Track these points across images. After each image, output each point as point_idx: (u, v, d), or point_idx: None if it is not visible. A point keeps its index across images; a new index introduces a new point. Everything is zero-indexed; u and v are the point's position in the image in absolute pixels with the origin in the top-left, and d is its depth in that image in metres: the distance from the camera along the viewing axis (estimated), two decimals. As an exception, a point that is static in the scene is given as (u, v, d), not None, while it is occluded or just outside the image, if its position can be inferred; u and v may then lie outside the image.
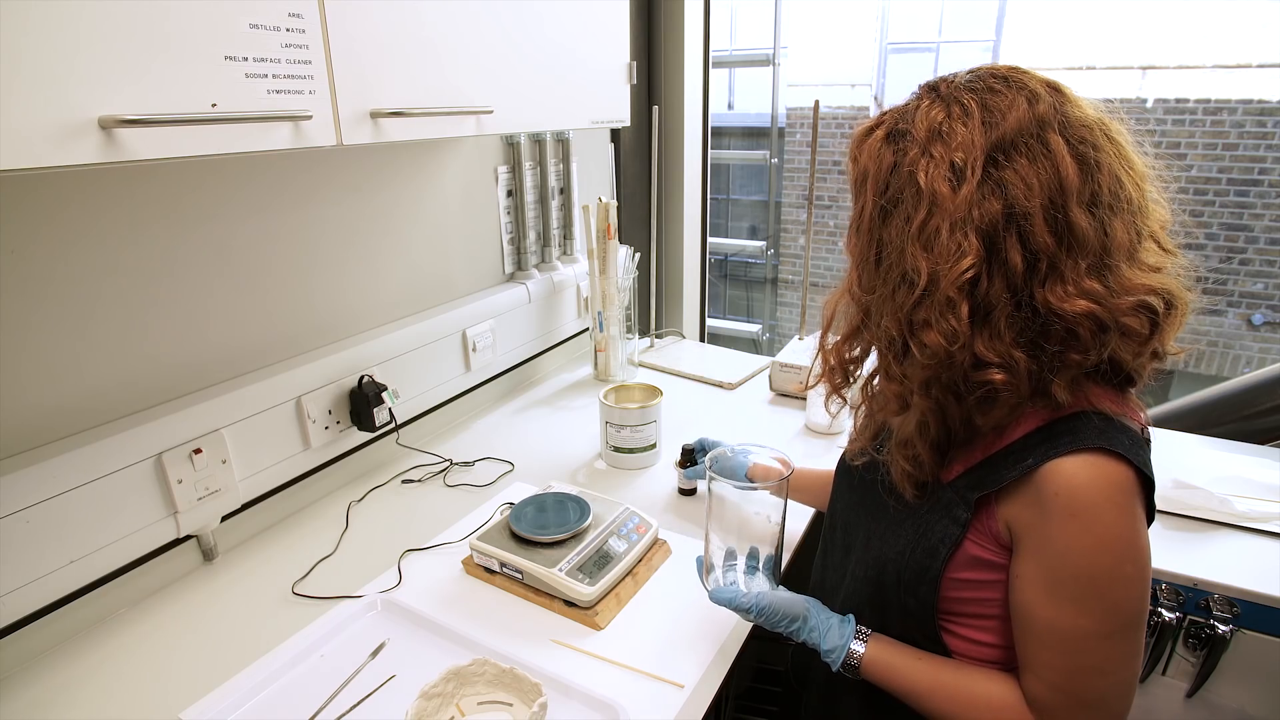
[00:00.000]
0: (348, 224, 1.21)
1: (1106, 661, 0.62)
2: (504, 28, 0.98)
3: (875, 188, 0.65)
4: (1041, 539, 0.62)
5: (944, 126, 0.61)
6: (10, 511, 0.81)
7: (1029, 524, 0.63)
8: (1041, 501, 0.61)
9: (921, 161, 0.61)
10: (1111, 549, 0.60)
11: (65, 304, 0.87)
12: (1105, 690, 0.63)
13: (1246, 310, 3.88)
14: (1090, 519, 0.60)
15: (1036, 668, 0.65)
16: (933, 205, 0.61)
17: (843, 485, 0.86)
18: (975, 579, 0.68)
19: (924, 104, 0.64)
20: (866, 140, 0.67)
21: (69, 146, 0.56)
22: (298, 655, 0.85)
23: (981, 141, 0.60)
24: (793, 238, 4.99)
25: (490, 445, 1.38)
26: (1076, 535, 0.60)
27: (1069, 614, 0.61)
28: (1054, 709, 0.64)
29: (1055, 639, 0.63)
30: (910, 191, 0.62)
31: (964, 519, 0.67)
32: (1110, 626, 0.61)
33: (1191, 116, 3.76)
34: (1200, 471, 1.17)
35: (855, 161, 0.68)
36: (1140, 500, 0.61)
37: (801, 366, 1.54)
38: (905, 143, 0.63)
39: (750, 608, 0.74)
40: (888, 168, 0.64)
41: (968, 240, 0.59)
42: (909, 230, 0.62)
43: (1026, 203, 0.58)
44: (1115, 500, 0.60)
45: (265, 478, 1.09)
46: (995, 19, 4.50)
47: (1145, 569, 0.62)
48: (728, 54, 4.19)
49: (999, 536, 0.66)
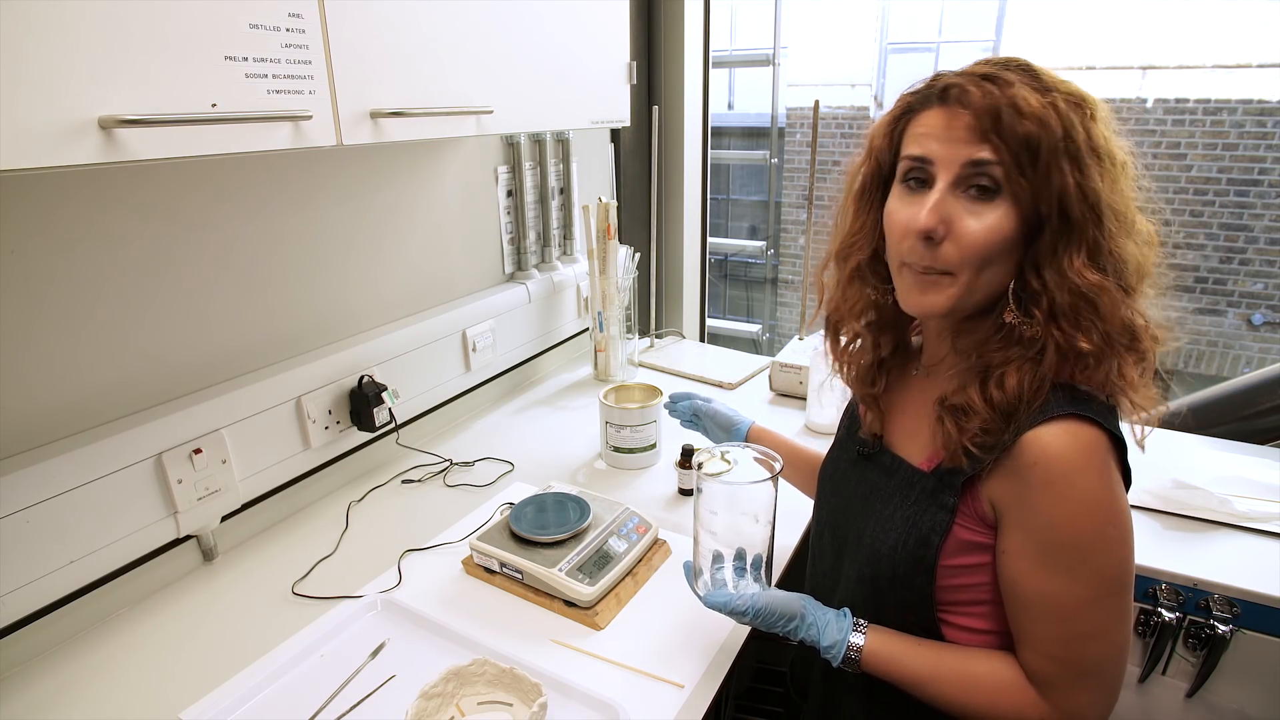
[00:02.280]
0: (348, 224, 1.21)
1: (1099, 627, 0.63)
2: (504, 28, 0.98)
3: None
4: (1024, 511, 0.63)
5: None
6: (10, 511, 0.81)
7: (1011, 498, 0.64)
8: (1021, 473, 0.62)
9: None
10: (1093, 513, 0.61)
11: (65, 304, 0.87)
12: (1100, 655, 0.64)
13: (1246, 310, 3.88)
14: (1069, 484, 0.61)
15: (1032, 641, 0.66)
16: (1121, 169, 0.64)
17: (828, 490, 0.86)
18: (967, 564, 0.68)
19: (1025, 89, 0.61)
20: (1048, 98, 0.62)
21: (69, 146, 0.56)
22: (298, 655, 0.85)
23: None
24: (793, 238, 4.99)
25: (490, 445, 1.38)
26: (1057, 502, 0.61)
27: (1058, 582, 0.63)
28: (1053, 679, 0.65)
29: (1047, 609, 0.64)
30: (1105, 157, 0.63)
31: (952, 504, 0.68)
32: (1099, 591, 0.62)
33: (1191, 116, 3.76)
34: (1200, 471, 1.17)
35: (1044, 125, 0.61)
36: (1115, 462, 0.63)
37: (801, 366, 1.54)
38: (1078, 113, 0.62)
39: (746, 610, 0.73)
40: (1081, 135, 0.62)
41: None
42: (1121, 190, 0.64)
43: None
44: (1092, 464, 0.61)
45: (265, 478, 1.09)
46: (995, 19, 4.50)
47: (1127, 530, 0.63)
48: (728, 54, 4.19)
49: (985, 517, 0.67)
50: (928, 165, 0.64)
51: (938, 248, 0.64)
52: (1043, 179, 0.60)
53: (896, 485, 0.74)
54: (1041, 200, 0.61)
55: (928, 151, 0.64)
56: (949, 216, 0.63)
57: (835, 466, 0.86)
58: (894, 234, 0.68)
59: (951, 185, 0.63)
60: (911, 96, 0.67)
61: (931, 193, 0.64)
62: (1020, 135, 0.59)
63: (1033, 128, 0.59)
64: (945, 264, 0.64)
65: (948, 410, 0.68)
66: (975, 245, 0.63)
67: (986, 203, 0.62)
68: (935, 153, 0.64)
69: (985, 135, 0.61)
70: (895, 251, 0.69)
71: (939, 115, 0.64)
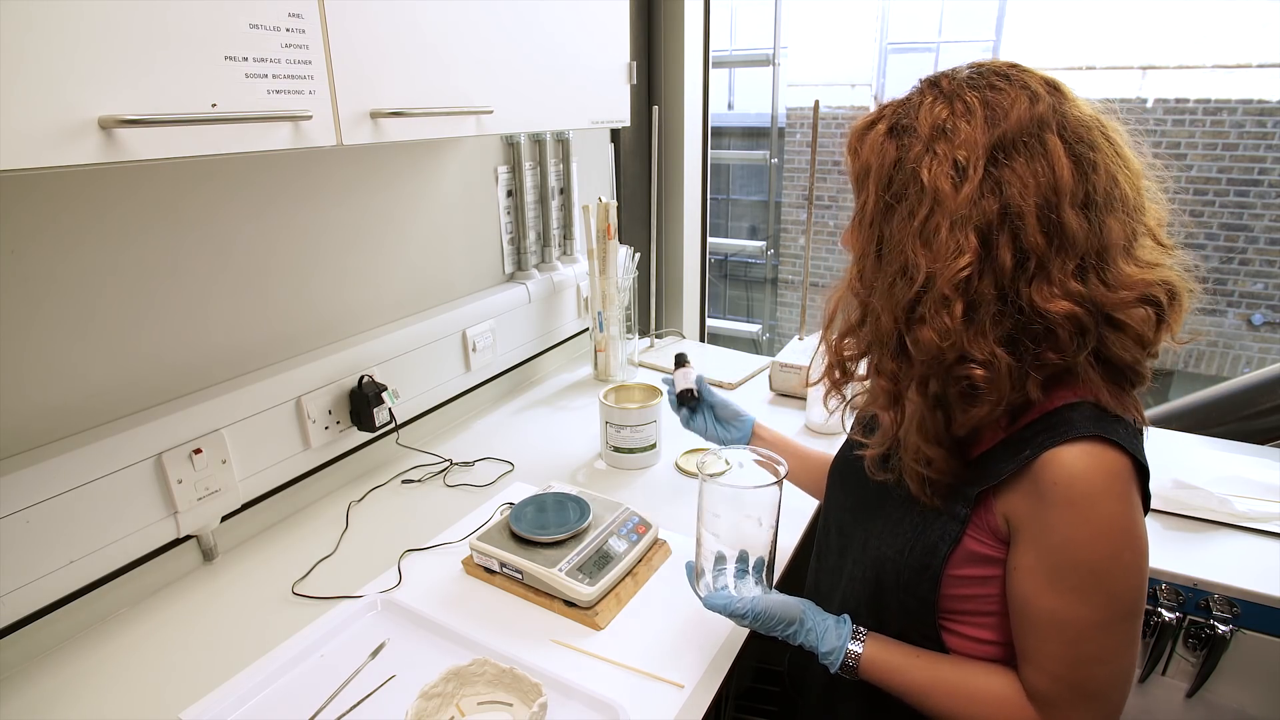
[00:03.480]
0: (348, 224, 1.21)
1: (1106, 651, 0.62)
2: (504, 28, 0.98)
3: (878, 183, 0.65)
4: (1040, 529, 0.62)
5: (948, 124, 0.61)
6: (10, 511, 0.81)
7: (1027, 515, 0.63)
8: (1040, 491, 0.62)
9: (925, 158, 0.61)
10: (1110, 537, 0.60)
11: (65, 304, 0.87)
12: (1105, 679, 0.63)
13: (1246, 310, 3.88)
14: (1089, 507, 0.60)
15: (1037, 659, 0.65)
16: (935, 203, 0.61)
17: (836, 488, 0.85)
18: (974, 575, 0.68)
19: (927, 99, 0.63)
20: (868, 134, 0.66)
21: (69, 146, 0.56)
22: (298, 655, 0.85)
23: (984, 140, 0.60)
24: (793, 238, 5.00)
25: (490, 445, 1.38)
26: (1076, 524, 0.60)
27: (1069, 603, 0.62)
28: (1055, 700, 0.64)
29: (1055, 629, 0.63)
30: (914, 188, 0.62)
31: (964, 515, 0.67)
32: (1110, 615, 0.62)
33: (1191, 116, 3.76)
34: (1200, 471, 1.17)
35: (856, 155, 0.68)
36: (1137, 488, 0.62)
37: (801, 366, 1.54)
38: (909, 138, 0.63)
39: (745, 613, 0.73)
40: (891, 163, 0.64)
41: (966, 239, 0.59)
42: (911, 226, 0.62)
43: (1022, 202, 0.59)
44: (1113, 488, 0.60)
45: (265, 478, 1.09)
46: (995, 19, 4.50)
47: (1143, 557, 0.62)
48: (728, 54, 4.19)
49: (997, 531, 0.66)
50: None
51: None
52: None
53: (908, 491, 0.72)
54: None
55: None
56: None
57: (848, 465, 0.84)
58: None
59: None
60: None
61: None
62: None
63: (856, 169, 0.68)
64: None
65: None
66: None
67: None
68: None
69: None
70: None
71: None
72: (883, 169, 0.65)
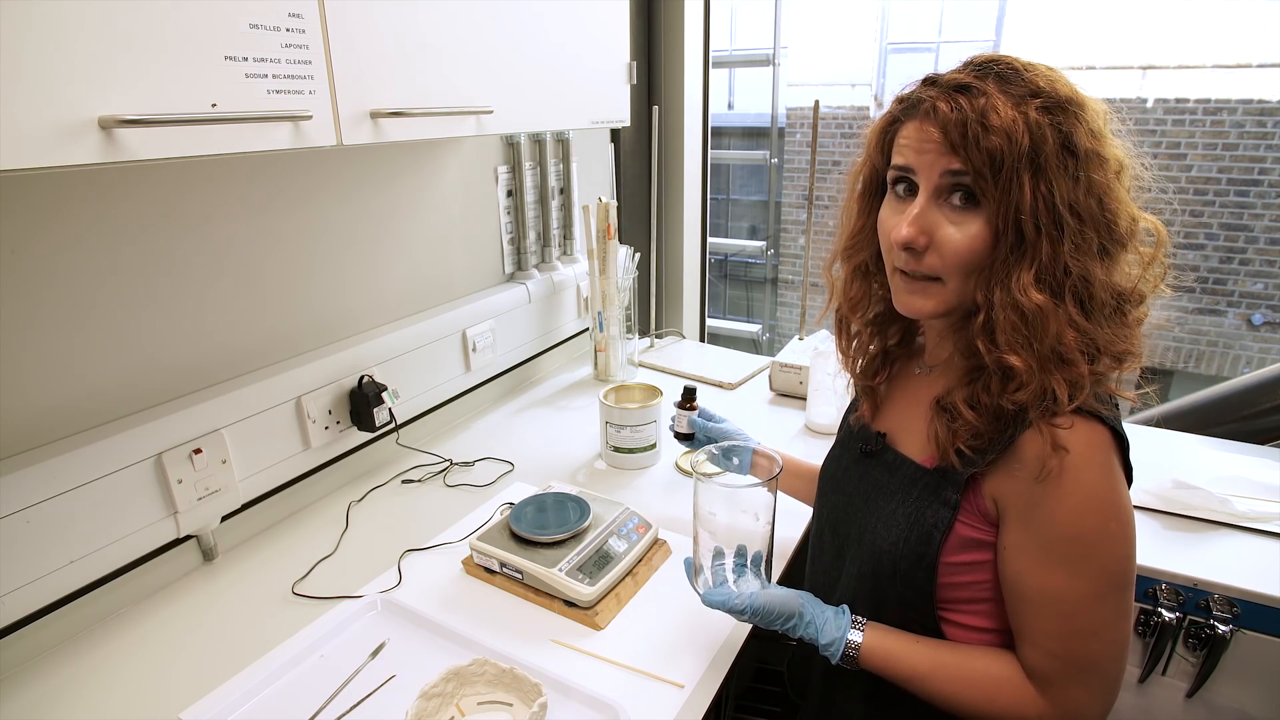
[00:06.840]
0: (348, 224, 1.21)
1: (1099, 623, 0.64)
2: (504, 28, 0.98)
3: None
4: (1027, 506, 0.63)
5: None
6: (10, 511, 0.81)
7: (1014, 493, 0.64)
8: (1024, 468, 0.63)
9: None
10: (1096, 508, 0.61)
11: (65, 304, 0.87)
12: (1100, 652, 0.64)
13: (1246, 310, 3.88)
14: (1073, 479, 0.61)
15: (1032, 637, 0.66)
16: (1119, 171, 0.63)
17: (829, 488, 0.86)
18: (968, 561, 0.69)
19: (999, 98, 0.60)
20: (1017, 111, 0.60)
21: (69, 146, 0.56)
22: (298, 655, 0.85)
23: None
24: (793, 238, 4.99)
25: (490, 445, 1.38)
26: (1061, 497, 0.61)
27: (1060, 578, 0.63)
28: (1052, 676, 0.65)
29: (1048, 605, 0.64)
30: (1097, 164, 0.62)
31: (954, 500, 0.68)
32: (1101, 587, 0.63)
33: (1191, 116, 3.76)
34: (1200, 471, 1.17)
35: (1009, 139, 0.60)
36: (1118, 458, 0.63)
37: (801, 366, 1.54)
38: (1057, 115, 0.61)
39: (745, 609, 0.74)
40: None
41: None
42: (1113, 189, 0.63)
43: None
44: (1095, 459, 0.61)
45: (265, 478, 1.09)
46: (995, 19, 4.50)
47: (1130, 527, 0.63)
48: (728, 54, 4.19)
49: (987, 513, 0.67)
50: (911, 175, 0.66)
51: (922, 256, 0.66)
52: (1003, 193, 0.61)
53: (899, 482, 0.74)
54: (999, 215, 0.61)
55: (909, 162, 0.66)
56: (930, 226, 0.65)
57: (837, 465, 0.86)
58: (884, 241, 0.70)
59: (933, 195, 0.64)
60: (897, 106, 0.68)
61: (914, 204, 0.65)
62: (984, 150, 0.60)
63: (997, 142, 0.59)
64: (931, 270, 0.66)
65: (939, 411, 0.69)
66: (957, 254, 0.64)
67: (968, 212, 0.63)
68: (915, 163, 0.65)
69: (954, 148, 0.61)
70: (887, 257, 0.71)
71: (916, 128, 0.65)
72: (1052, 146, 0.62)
